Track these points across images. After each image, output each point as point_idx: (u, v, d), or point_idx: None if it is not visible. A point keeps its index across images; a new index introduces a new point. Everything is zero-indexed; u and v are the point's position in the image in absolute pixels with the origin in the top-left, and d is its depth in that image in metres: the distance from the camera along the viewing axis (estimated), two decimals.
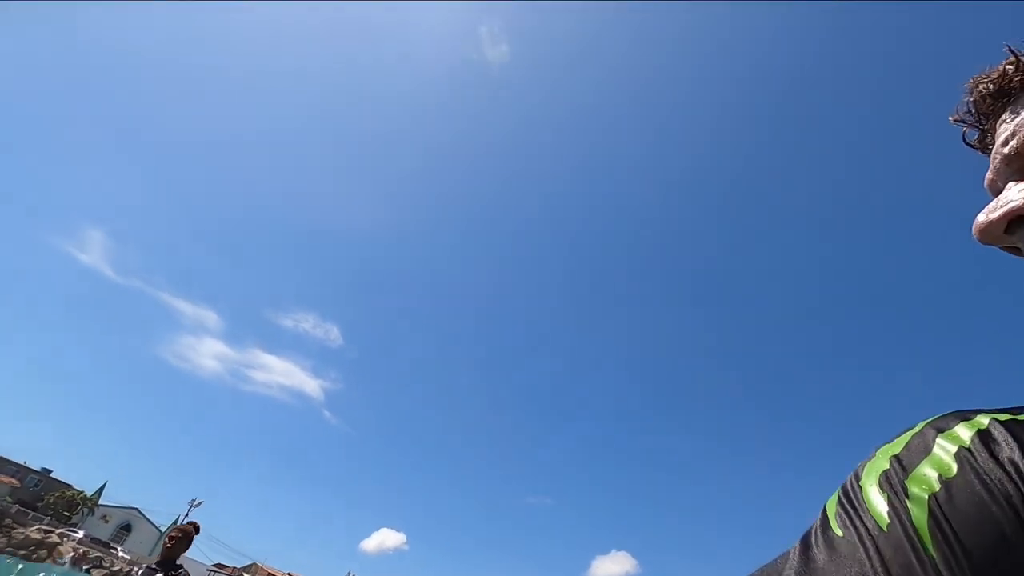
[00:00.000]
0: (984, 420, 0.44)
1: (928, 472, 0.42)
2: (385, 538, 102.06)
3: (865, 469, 0.47)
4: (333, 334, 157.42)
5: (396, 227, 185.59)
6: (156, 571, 5.84)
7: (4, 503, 37.30)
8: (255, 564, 51.81)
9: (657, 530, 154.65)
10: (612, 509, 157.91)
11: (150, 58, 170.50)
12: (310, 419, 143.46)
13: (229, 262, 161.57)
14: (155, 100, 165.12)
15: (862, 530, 0.42)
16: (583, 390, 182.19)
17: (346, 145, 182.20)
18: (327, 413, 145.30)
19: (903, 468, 0.44)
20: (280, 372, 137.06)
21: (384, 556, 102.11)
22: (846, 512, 0.45)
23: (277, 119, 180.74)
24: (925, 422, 0.47)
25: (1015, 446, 0.41)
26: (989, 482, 0.39)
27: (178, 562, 6.00)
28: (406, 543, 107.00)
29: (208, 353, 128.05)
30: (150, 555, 47.19)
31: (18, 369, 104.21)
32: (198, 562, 47.29)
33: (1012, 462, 0.39)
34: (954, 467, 0.41)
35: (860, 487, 0.46)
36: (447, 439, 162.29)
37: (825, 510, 0.48)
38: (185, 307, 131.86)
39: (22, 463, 46.84)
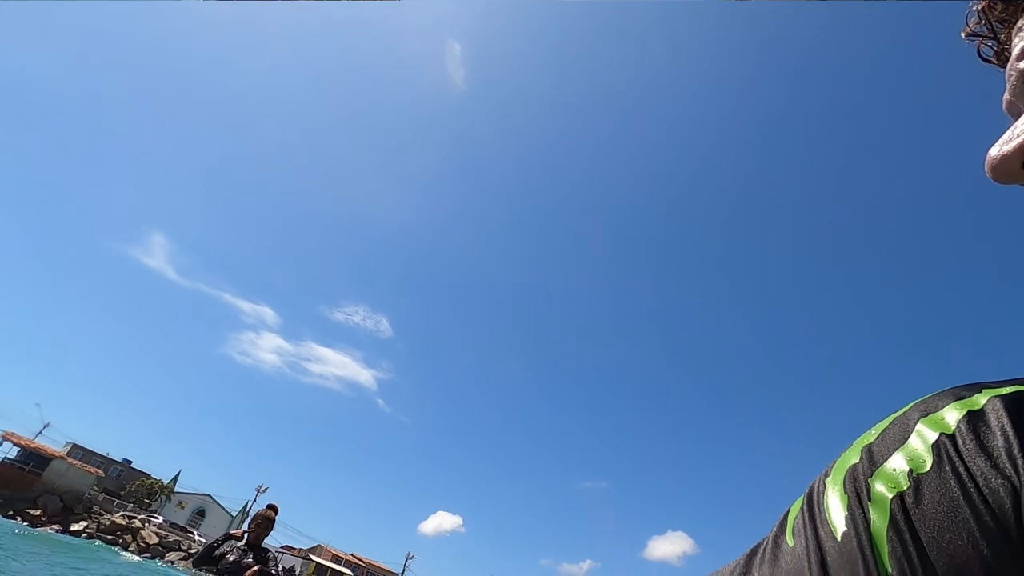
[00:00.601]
0: (982, 399, 0.37)
1: (898, 466, 0.36)
2: (442, 521, 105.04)
3: (835, 465, 0.41)
4: (383, 325, 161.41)
5: (440, 220, 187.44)
6: (247, 553, 6.19)
7: (92, 492, 40.36)
8: (320, 545, 54.25)
9: (716, 512, 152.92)
10: (668, 492, 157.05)
11: (204, 66, 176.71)
12: (365, 408, 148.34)
13: (281, 260, 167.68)
14: (208, 108, 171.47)
15: (812, 541, 0.37)
16: (638, 375, 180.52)
17: (386, 142, 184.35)
18: (381, 402, 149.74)
19: (871, 462, 0.38)
20: (335, 364, 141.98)
21: (441, 538, 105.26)
22: (804, 518, 0.39)
23: (323, 121, 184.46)
24: (915, 402, 0.40)
25: (1011, 430, 0.33)
26: (967, 478, 0.33)
27: (263, 545, 6.38)
28: (462, 525, 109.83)
29: (268, 348, 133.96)
30: None
31: (96, 370, 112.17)
32: (267, 544, 49.90)
33: (1003, 451, 0.33)
34: (929, 460, 0.35)
35: (825, 487, 0.40)
36: (499, 425, 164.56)
37: (786, 515, 0.42)
38: (244, 305, 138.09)
39: (106, 454, 50.45)
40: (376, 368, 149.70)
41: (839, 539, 0.35)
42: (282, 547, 53.91)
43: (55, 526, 33.07)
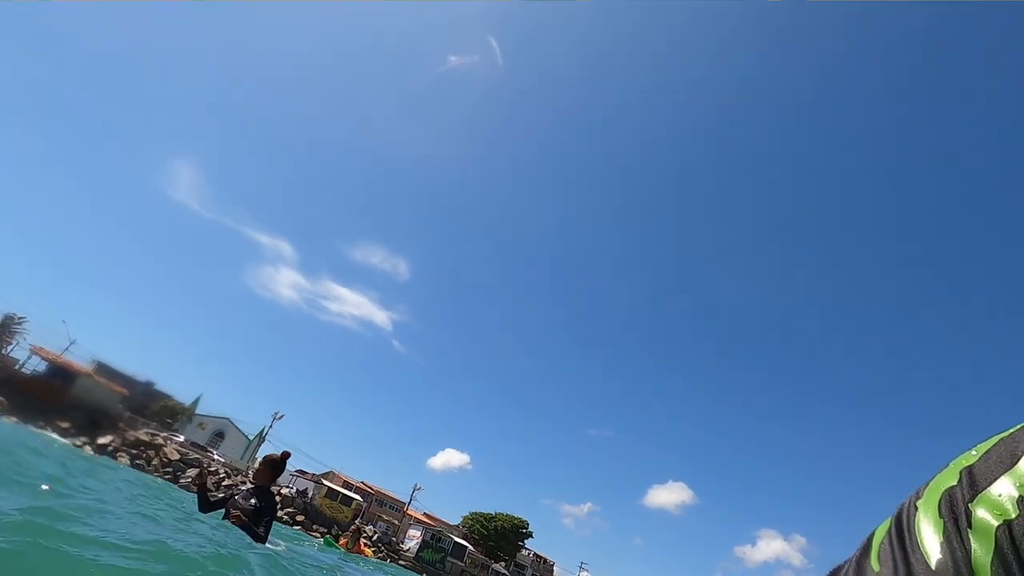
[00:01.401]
0: None
1: (1005, 492, 0.33)
2: (450, 457, 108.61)
3: (929, 488, 0.38)
4: (401, 267, 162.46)
5: (466, 166, 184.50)
6: (251, 495, 6.21)
7: (117, 410, 42.15)
8: (332, 471, 56.69)
9: (718, 464, 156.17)
10: (673, 443, 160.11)
11: None
12: (380, 348, 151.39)
13: (301, 196, 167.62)
14: (233, 35, 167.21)
15: (902, 568, 0.34)
16: (652, 326, 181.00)
17: (415, 82, 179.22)
18: (396, 343, 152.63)
19: (972, 486, 0.35)
20: (351, 303, 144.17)
21: (449, 473, 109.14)
22: (892, 543, 0.37)
23: (346, 54, 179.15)
24: None
25: None
26: None
27: (270, 489, 6.33)
28: (470, 463, 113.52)
29: (286, 283, 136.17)
30: (241, 459, 52.55)
31: (121, 294, 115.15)
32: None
33: None
34: None
35: (916, 510, 0.37)
36: (511, 372, 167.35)
37: (871, 537, 0.40)
38: (263, 239, 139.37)
39: (130, 375, 52.39)
40: (392, 310, 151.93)
41: (934, 568, 0.33)
42: (296, 471, 56.45)
43: (83, 438, 34.70)
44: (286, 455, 6.46)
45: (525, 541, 64.08)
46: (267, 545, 6.03)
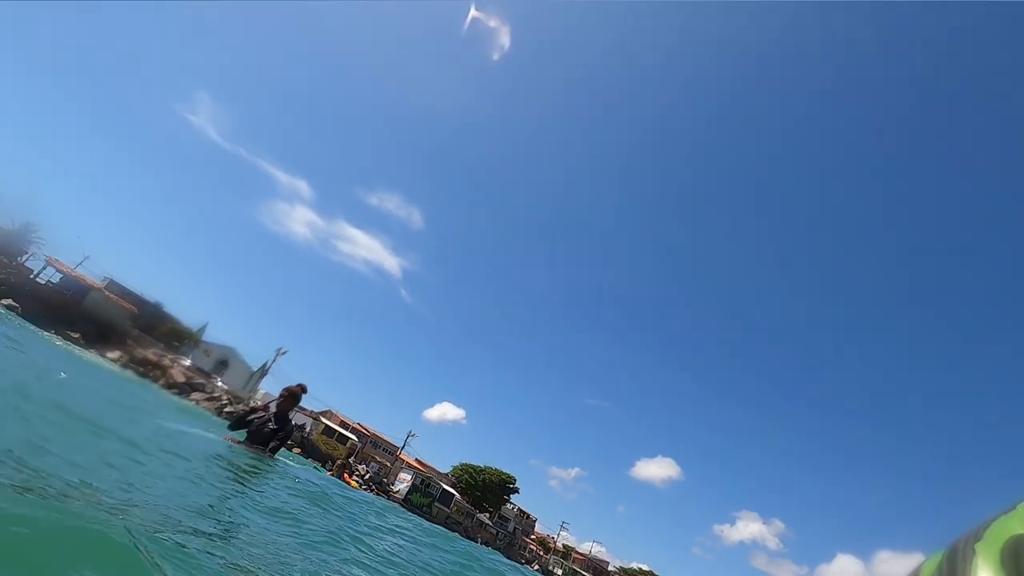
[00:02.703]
0: None
1: None
2: (446, 410, 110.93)
3: (990, 530, 0.35)
4: (415, 217, 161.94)
5: (484, 118, 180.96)
6: (270, 421, 6.70)
7: (126, 326, 42.81)
8: (330, 410, 57.85)
9: (709, 446, 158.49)
10: (667, 420, 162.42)
11: None
12: (388, 294, 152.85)
13: (321, 135, 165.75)
14: None
15: None
16: (659, 312, 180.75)
17: (446, 35, 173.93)
18: (404, 291, 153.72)
19: None
20: (364, 246, 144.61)
21: (444, 425, 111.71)
22: None
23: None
24: None
25: None
26: None
27: (289, 416, 6.89)
28: (465, 418, 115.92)
29: (300, 220, 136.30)
30: (243, 388, 53.60)
31: (133, 214, 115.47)
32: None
33: None
34: None
35: (974, 553, 0.34)
36: (516, 333, 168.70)
37: (918, 571, 0.37)
38: (280, 175, 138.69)
39: (140, 294, 52.97)
40: (403, 258, 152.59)
41: None
42: (296, 407, 57.61)
43: (93, 351, 35.36)
44: (303, 388, 7.00)
45: (511, 496, 65.81)
46: (276, 458, 6.50)
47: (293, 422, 7.05)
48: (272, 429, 6.54)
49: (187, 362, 46.22)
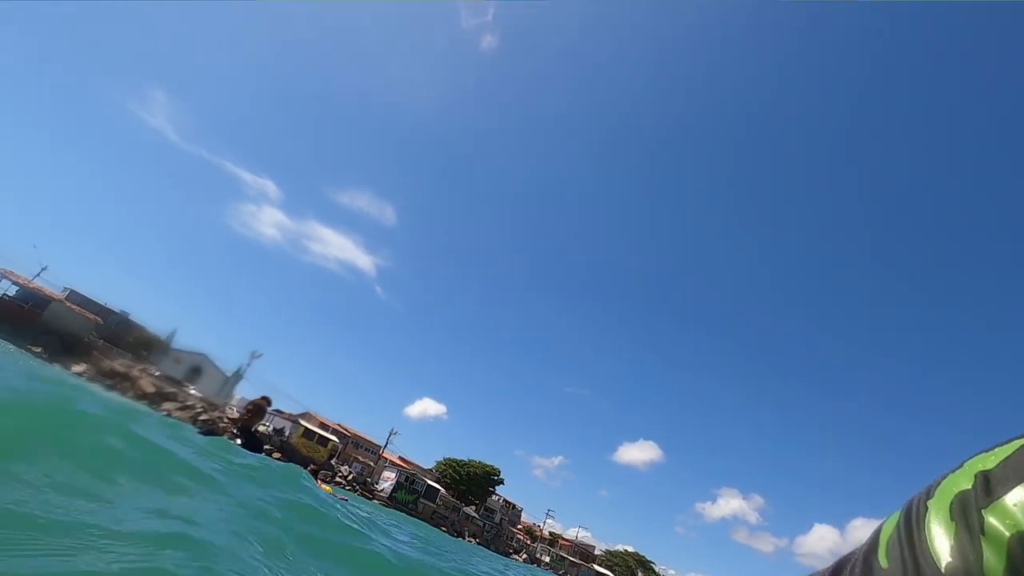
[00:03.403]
0: None
1: (1020, 502, 0.33)
2: (427, 406, 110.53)
3: (940, 488, 0.38)
4: (388, 213, 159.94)
5: (459, 117, 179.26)
6: (236, 436, 6.57)
7: (91, 337, 41.32)
8: (308, 412, 57.03)
9: (689, 429, 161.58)
10: (646, 404, 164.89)
11: None
12: (362, 292, 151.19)
13: (288, 134, 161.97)
14: None
15: (911, 566, 0.34)
16: (634, 292, 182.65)
17: (418, 27, 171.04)
18: (378, 288, 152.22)
19: (987, 492, 0.34)
20: (335, 246, 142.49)
21: (426, 422, 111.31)
22: (900, 539, 0.37)
23: None
24: None
25: None
26: None
27: (253, 430, 6.77)
28: (446, 413, 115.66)
29: (268, 222, 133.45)
30: (218, 395, 52.43)
31: (93, 221, 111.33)
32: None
33: None
34: None
35: (926, 510, 0.37)
36: (494, 326, 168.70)
37: (878, 532, 0.39)
38: (245, 175, 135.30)
39: (103, 304, 51.13)
40: (376, 255, 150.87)
41: (943, 570, 0.33)
42: (273, 410, 56.73)
43: (57, 365, 34.07)
44: (267, 400, 6.93)
45: (496, 487, 66.07)
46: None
47: (260, 434, 7.01)
48: (242, 445, 6.47)
49: (157, 372, 44.89)
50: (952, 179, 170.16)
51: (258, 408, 6.78)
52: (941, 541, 0.34)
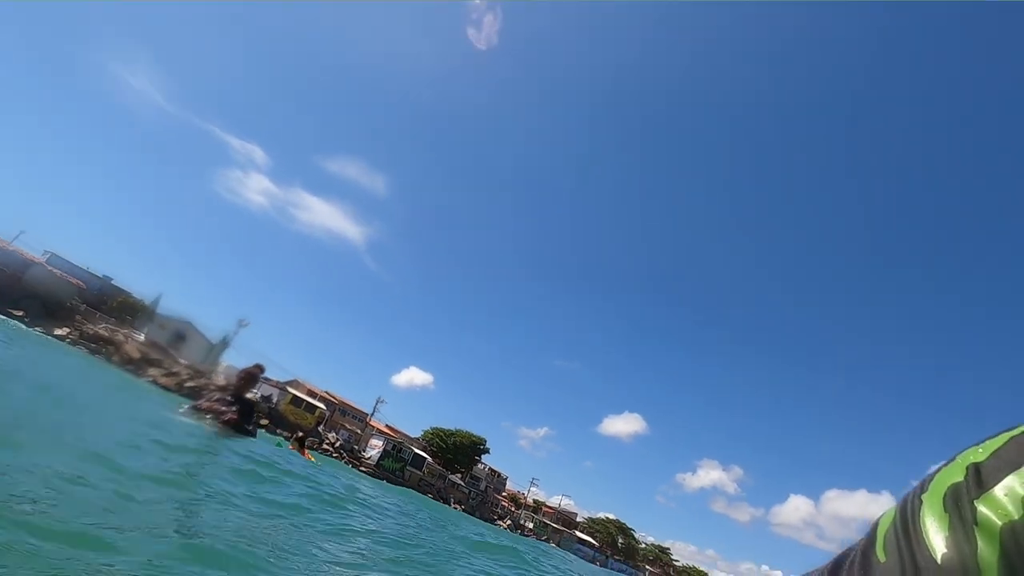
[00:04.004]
0: None
1: (1011, 492, 0.33)
2: (414, 376, 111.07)
3: (934, 482, 0.38)
4: (378, 183, 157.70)
5: (451, 87, 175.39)
6: (231, 403, 6.61)
7: (73, 302, 40.71)
8: (296, 379, 57.04)
9: (673, 401, 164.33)
10: (632, 377, 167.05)
11: None
12: (352, 262, 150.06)
13: (277, 99, 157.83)
14: None
15: (908, 560, 0.34)
16: (621, 268, 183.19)
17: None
18: (368, 258, 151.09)
19: (980, 483, 0.35)
20: (324, 214, 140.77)
21: (412, 391, 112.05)
22: (897, 533, 0.37)
23: None
24: None
25: None
26: None
27: (247, 396, 6.90)
28: (433, 383, 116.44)
29: (255, 188, 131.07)
30: (204, 362, 52.14)
31: (75, 183, 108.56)
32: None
33: None
34: None
35: (921, 503, 0.37)
36: (483, 299, 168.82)
37: (875, 527, 0.40)
38: (233, 141, 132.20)
39: (85, 268, 50.26)
40: (367, 225, 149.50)
41: (939, 562, 0.33)
42: (262, 377, 56.60)
43: (38, 328, 33.61)
44: (260, 368, 7.06)
45: (482, 456, 67.09)
46: (256, 438, 6.46)
47: (254, 399, 7.19)
48: (240, 411, 6.55)
49: (141, 337, 44.45)
50: (892, 142, 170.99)
51: (251, 376, 6.88)
52: (936, 533, 0.34)
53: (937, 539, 0.34)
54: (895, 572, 0.34)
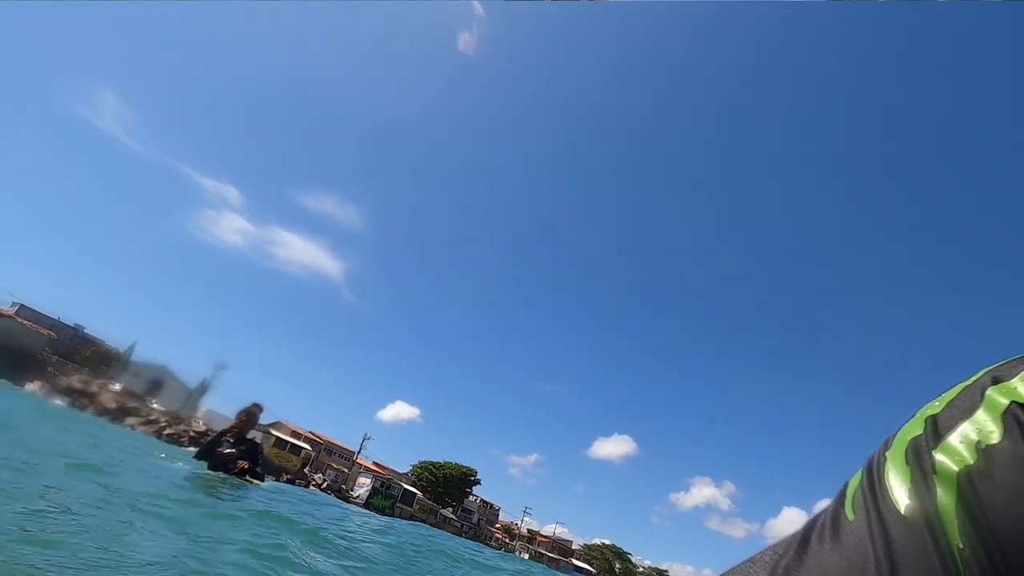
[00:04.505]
0: None
1: (964, 439, 0.34)
2: (400, 410, 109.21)
3: (896, 437, 0.39)
4: (354, 217, 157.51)
5: (419, 114, 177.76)
6: (233, 445, 6.51)
7: (44, 354, 39.51)
8: (280, 421, 55.79)
9: (663, 421, 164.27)
10: (620, 399, 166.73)
11: None
12: (330, 297, 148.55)
13: (249, 137, 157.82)
14: None
15: (874, 515, 0.35)
16: (606, 286, 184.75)
17: (390, 32, 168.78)
18: (347, 292, 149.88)
19: (936, 434, 0.36)
20: (301, 250, 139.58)
21: (399, 425, 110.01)
22: (864, 492, 0.38)
23: None
24: (985, 370, 0.38)
25: None
26: None
27: (248, 436, 6.78)
28: (419, 416, 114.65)
29: (230, 228, 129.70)
30: (183, 408, 50.72)
31: (42, 231, 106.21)
32: (227, 417, 51.00)
33: None
34: (997, 431, 0.33)
35: (885, 460, 0.38)
36: (466, 326, 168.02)
37: (844, 488, 0.41)
38: (205, 181, 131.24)
39: (56, 318, 48.95)
40: (344, 259, 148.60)
41: (903, 513, 0.34)
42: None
43: (7, 382, 32.47)
44: (258, 407, 7.00)
45: (473, 488, 65.96)
46: (262, 484, 6.41)
47: (256, 440, 7.05)
48: (234, 452, 6.45)
49: (117, 386, 43.18)
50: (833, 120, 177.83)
51: (251, 415, 6.81)
52: (899, 488, 0.35)
53: (900, 492, 0.35)
54: (863, 529, 0.35)
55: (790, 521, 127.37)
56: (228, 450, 6.37)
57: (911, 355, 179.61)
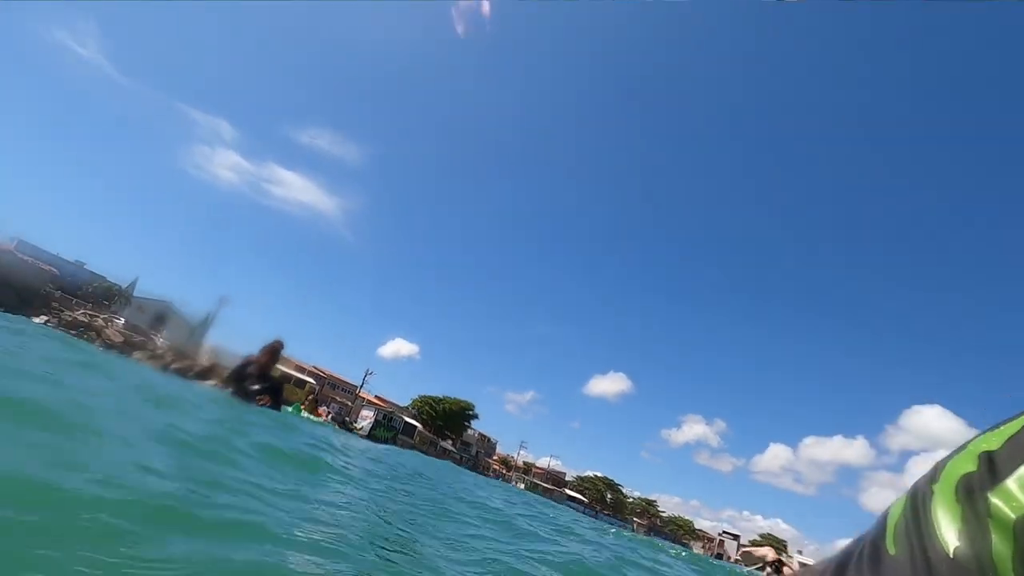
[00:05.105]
0: None
1: None
2: (400, 347, 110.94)
3: (945, 471, 0.37)
4: (352, 153, 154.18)
5: (427, 49, 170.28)
6: (257, 380, 6.72)
7: (47, 289, 39.83)
8: (283, 356, 56.91)
9: (658, 358, 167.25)
10: (618, 336, 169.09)
11: None
12: (330, 235, 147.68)
13: (242, 68, 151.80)
14: None
15: (919, 553, 0.33)
16: (610, 222, 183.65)
17: None
18: (346, 230, 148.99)
19: (992, 473, 0.33)
20: (298, 188, 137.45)
21: (398, 362, 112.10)
22: (908, 525, 0.36)
23: None
24: None
25: None
26: None
27: (271, 373, 7.00)
28: (418, 353, 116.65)
29: (224, 164, 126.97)
30: (187, 343, 51.47)
31: (34, 165, 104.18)
32: (233, 353, 51.79)
33: None
34: None
35: (932, 493, 0.36)
36: (465, 263, 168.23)
37: (885, 517, 0.39)
38: (196, 115, 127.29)
39: (56, 254, 48.95)
40: (342, 196, 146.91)
41: (952, 556, 0.32)
42: (247, 355, 56.29)
43: (16, 317, 32.96)
44: (280, 343, 7.22)
45: (471, 422, 68.42)
46: (282, 410, 6.77)
47: (280, 381, 7.37)
48: (271, 386, 6.73)
49: (121, 321, 43.82)
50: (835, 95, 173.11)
51: (274, 351, 7.03)
52: (948, 526, 0.33)
53: (949, 532, 0.33)
54: (906, 566, 0.33)
55: (775, 456, 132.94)
56: (254, 386, 6.68)
57: (903, 297, 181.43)
